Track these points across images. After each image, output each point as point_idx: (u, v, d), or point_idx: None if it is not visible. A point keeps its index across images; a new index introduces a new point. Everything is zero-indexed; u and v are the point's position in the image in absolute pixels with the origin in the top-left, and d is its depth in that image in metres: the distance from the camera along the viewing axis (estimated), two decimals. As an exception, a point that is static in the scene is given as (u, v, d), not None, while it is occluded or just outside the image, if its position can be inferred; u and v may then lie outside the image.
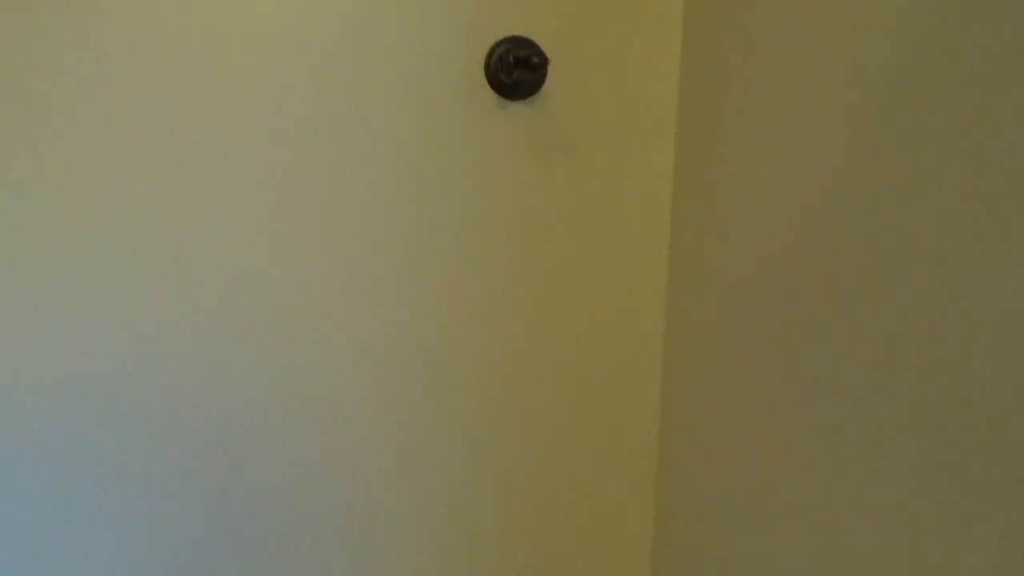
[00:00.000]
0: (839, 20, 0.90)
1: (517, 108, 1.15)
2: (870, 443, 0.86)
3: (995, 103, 0.71)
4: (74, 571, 1.05)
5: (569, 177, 1.18)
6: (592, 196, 1.20)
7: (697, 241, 1.18)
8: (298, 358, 1.12)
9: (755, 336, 1.05)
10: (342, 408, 1.14)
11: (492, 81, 1.12)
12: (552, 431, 1.24)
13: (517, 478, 1.23)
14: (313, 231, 1.10)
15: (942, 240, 0.77)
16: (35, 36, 0.97)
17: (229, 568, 1.11)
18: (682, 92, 1.21)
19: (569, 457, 1.26)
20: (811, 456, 0.95)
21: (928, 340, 0.78)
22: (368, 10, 1.07)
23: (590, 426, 1.26)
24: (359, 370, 1.14)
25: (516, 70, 1.10)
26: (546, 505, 1.25)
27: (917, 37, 0.80)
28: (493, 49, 1.12)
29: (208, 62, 1.03)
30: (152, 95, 1.02)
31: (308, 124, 1.08)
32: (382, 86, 1.09)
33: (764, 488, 1.03)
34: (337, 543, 1.15)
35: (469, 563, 1.22)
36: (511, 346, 1.20)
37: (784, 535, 1.00)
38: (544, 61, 1.09)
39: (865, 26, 0.86)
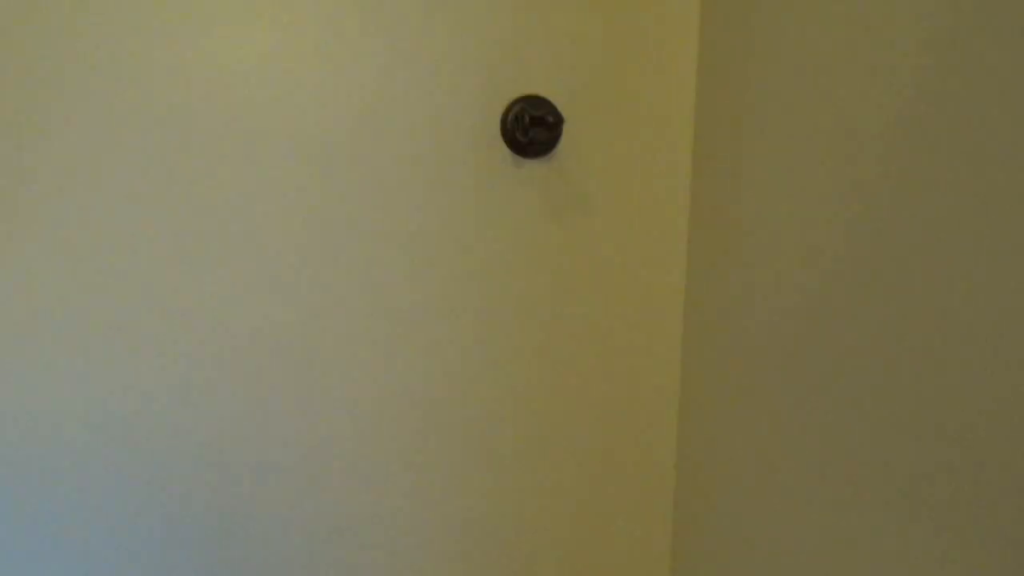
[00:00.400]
0: (853, 81, 0.90)
1: (532, 166, 1.15)
2: (878, 483, 0.83)
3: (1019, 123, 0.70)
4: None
5: (583, 234, 1.18)
6: (606, 253, 1.19)
7: (712, 300, 1.16)
8: (319, 411, 1.10)
9: (771, 391, 1.03)
10: (360, 460, 1.12)
11: (508, 139, 1.13)
12: (563, 493, 1.21)
13: (531, 540, 1.19)
14: (335, 287, 1.09)
15: (956, 289, 0.75)
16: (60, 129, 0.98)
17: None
18: (696, 152, 1.21)
19: (584, 522, 1.22)
20: (819, 499, 0.92)
21: (937, 372, 0.76)
22: (387, 68, 1.09)
23: (605, 493, 1.22)
24: (376, 425, 1.12)
25: (531, 129, 1.11)
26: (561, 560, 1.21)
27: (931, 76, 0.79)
28: (509, 108, 1.13)
29: (234, 127, 1.04)
30: (173, 167, 1.02)
31: (330, 182, 1.08)
32: (401, 144, 1.10)
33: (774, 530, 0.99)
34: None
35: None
36: (528, 404, 1.18)
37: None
38: (559, 120, 1.09)
39: (870, 97, 0.87)
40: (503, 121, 1.13)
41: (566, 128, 1.15)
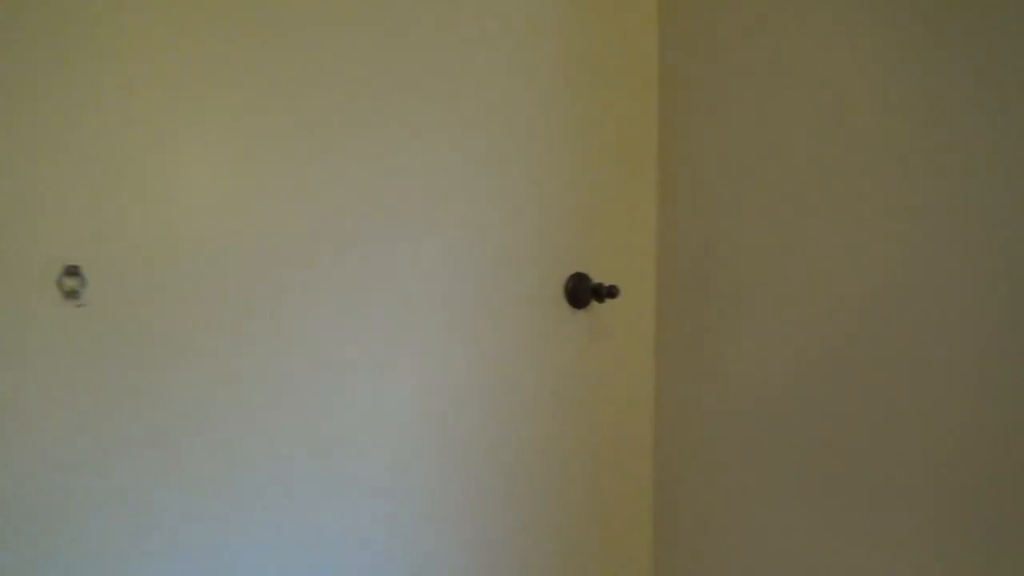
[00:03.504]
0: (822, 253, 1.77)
1: (580, 313, 1.99)
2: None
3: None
4: None
5: (608, 349, 2.02)
6: (621, 360, 2.03)
7: (679, 391, 2.00)
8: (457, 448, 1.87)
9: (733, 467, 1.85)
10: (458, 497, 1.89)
11: (568, 297, 1.97)
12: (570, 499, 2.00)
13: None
14: (455, 398, 1.89)
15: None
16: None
17: None
18: (657, 310, 2.08)
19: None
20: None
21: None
22: (494, 259, 1.92)
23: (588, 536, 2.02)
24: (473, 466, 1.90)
25: (580, 292, 1.96)
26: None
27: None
28: (568, 280, 1.98)
29: (353, 302, 1.85)
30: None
31: (455, 330, 1.89)
32: (504, 302, 1.92)
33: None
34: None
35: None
36: (570, 453, 1.98)
37: None
38: (597, 289, 1.95)
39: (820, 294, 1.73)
40: (565, 287, 1.98)
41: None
